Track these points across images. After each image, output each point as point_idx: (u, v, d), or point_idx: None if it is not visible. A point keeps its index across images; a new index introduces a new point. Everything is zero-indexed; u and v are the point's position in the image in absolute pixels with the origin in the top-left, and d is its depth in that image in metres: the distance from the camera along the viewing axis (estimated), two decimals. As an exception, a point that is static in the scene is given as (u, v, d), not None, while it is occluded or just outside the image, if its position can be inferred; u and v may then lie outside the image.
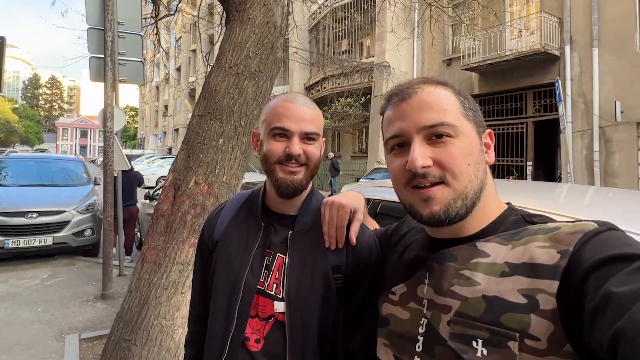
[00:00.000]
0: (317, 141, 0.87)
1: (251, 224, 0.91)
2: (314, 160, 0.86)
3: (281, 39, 2.57)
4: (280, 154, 0.83)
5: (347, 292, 0.86)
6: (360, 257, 0.86)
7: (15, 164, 6.85)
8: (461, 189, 0.60)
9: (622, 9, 8.33)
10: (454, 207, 0.60)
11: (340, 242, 0.86)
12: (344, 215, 0.86)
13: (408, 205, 0.66)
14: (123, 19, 4.31)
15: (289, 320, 0.81)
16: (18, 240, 5.18)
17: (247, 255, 0.87)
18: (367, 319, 0.84)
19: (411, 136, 0.63)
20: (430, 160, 0.61)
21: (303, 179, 0.85)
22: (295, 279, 0.83)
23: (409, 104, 0.64)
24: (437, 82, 0.67)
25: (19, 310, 3.83)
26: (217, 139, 2.30)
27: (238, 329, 0.84)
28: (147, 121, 46.84)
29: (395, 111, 0.67)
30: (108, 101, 4.16)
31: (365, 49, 16.59)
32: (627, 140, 8.34)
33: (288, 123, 0.83)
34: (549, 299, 0.50)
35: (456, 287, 0.60)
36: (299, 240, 0.87)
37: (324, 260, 0.85)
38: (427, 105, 0.63)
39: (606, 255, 0.47)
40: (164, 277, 2.18)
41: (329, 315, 0.83)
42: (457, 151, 0.61)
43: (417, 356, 0.63)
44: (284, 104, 0.85)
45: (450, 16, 8.31)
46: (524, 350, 0.50)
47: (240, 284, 0.85)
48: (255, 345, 0.83)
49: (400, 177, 0.65)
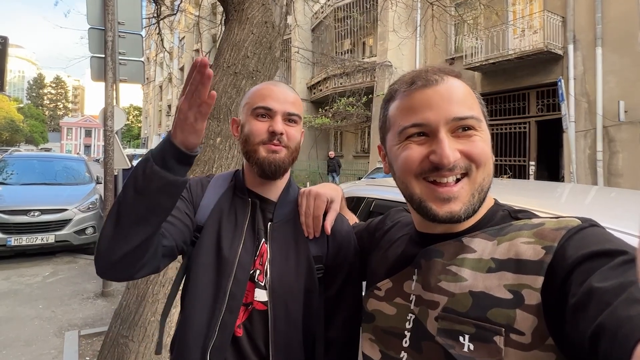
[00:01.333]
0: (299, 125, 0.88)
1: (237, 203, 0.89)
2: (295, 142, 0.87)
3: (279, 39, 2.58)
4: (264, 135, 0.83)
5: (326, 281, 0.86)
6: (340, 247, 0.87)
7: (18, 162, 6.91)
8: (480, 181, 0.60)
9: (626, 8, 8.27)
10: (472, 203, 0.59)
11: (317, 232, 0.87)
12: (320, 205, 0.87)
13: (417, 199, 0.62)
14: (123, 19, 4.34)
15: (272, 311, 0.80)
16: (20, 238, 5.23)
17: (239, 232, 0.84)
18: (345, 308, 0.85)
19: (438, 127, 0.59)
20: (458, 154, 0.59)
21: (285, 159, 0.85)
22: (278, 269, 0.83)
23: (436, 92, 0.60)
24: (457, 74, 0.65)
25: (20, 307, 3.87)
26: (214, 138, 2.31)
27: (230, 310, 0.79)
28: (150, 121, 47.01)
29: (418, 97, 0.62)
30: (108, 100, 4.19)
31: (367, 49, 16.57)
32: (630, 140, 8.27)
33: (272, 102, 0.84)
34: (533, 294, 0.51)
35: (443, 283, 0.60)
36: (279, 232, 0.87)
37: (306, 251, 0.85)
38: (455, 96, 0.60)
39: (589, 251, 0.48)
40: (161, 274, 2.20)
41: (312, 305, 0.83)
42: (483, 144, 0.61)
43: (403, 351, 0.63)
44: (267, 86, 0.87)
45: (453, 15, 8.29)
46: (509, 344, 0.51)
47: (234, 261, 0.81)
48: (238, 330, 0.81)
49: (414, 167, 0.61)
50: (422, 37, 12.53)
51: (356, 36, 16.16)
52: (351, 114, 14.25)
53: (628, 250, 0.47)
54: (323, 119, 15.18)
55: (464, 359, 0.53)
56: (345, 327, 0.84)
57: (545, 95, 9.78)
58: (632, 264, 0.44)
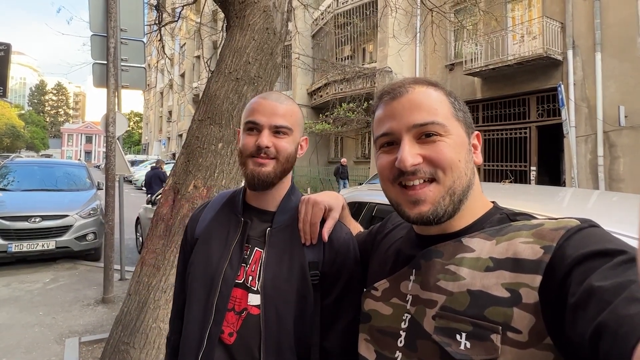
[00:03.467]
0: (290, 136, 0.89)
1: (232, 220, 0.93)
2: (285, 154, 0.87)
3: (281, 45, 2.60)
4: (252, 147, 0.86)
5: (323, 289, 0.86)
6: (337, 254, 0.87)
7: (19, 168, 6.92)
8: (450, 184, 0.61)
9: (624, 14, 8.32)
10: (442, 206, 0.61)
11: (313, 239, 0.87)
12: (317, 212, 0.88)
13: (395, 203, 0.67)
14: (126, 26, 4.37)
15: (264, 314, 0.82)
16: (21, 244, 5.21)
17: (227, 250, 0.89)
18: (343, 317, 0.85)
19: (401, 135, 0.63)
20: (419, 158, 0.62)
21: (272, 172, 0.86)
22: (271, 273, 0.84)
23: (400, 102, 0.65)
24: (429, 82, 0.68)
25: (20, 313, 3.85)
26: (216, 144, 2.32)
27: (216, 322, 0.84)
28: (151, 127, 47.18)
29: (385, 110, 0.67)
30: (110, 106, 4.21)
31: (367, 55, 16.66)
32: (631, 145, 8.28)
33: (258, 117, 0.86)
34: (531, 293, 0.51)
35: (442, 282, 0.60)
36: (277, 237, 0.88)
37: (301, 256, 0.86)
38: (417, 104, 0.64)
39: (588, 251, 0.48)
40: (162, 280, 2.19)
41: (305, 310, 0.84)
42: (447, 148, 0.62)
43: (398, 351, 0.64)
44: (258, 100, 0.90)
45: (452, 22, 8.35)
46: (506, 342, 0.51)
47: (219, 277, 0.86)
48: (228, 338, 0.84)
49: (387, 173, 0.66)
50: (422, 43, 12.60)
51: (356, 42, 16.26)
52: (351, 119, 14.28)
53: (627, 250, 0.47)
54: (323, 125, 15.21)
55: (460, 356, 0.53)
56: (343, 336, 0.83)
57: (545, 100, 9.81)
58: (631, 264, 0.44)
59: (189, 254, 0.96)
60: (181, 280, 0.99)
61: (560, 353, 0.48)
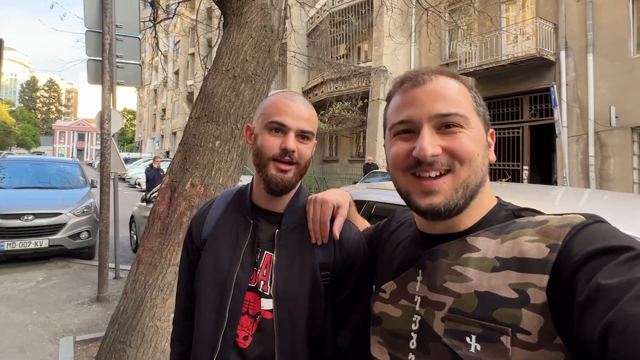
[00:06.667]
0: (311, 141, 0.88)
1: (240, 221, 0.91)
2: (305, 159, 0.87)
3: (278, 43, 2.60)
4: (276, 150, 0.83)
5: (334, 288, 0.86)
6: (348, 254, 0.86)
7: (11, 166, 6.82)
8: (465, 177, 0.60)
9: (616, 15, 8.43)
10: (455, 199, 0.60)
11: (324, 238, 0.87)
12: (326, 211, 0.87)
13: (405, 192, 0.65)
14: (121, 22, 4.32)
15: (277, 317, 0.81)
16: (14, 242, 5.15)
17: (238, 252, 0.87)
18: (354, 314, 0.85)
19: (421, 124, 0.61)
20: (439, 149, 0.60)
21: (293, 178, 0.85)
22: (282, 276, 0.83)
23: (423, 90, 0.63)
24: (452, 74, 0.66)
25: (13, 312, 3.81)
26: (213, 141, 2.31)
27: (230, 326, 0.83)
28: (144, 124, 46.75)
29: (406, 96, 0.65)
30: (105, 103, 4.17)
31: (362, 54, 16.67)
32: (622, 145, 8.41)
33: (286, 119, 0.83)
34: (539, 293, 0.50)
35: (449, 284, 0.60)
36: (286, 238, 0.87)
37: (311, 258, 0.85)
38: (441, 94, 0.62)
39: (594, 249, 0.48)
40: (159, 279, 2.19)
41: (318, 312, 0.84)
42: (468, 141, 0.61)
43: (411, 353, 0.63)
44: (284, 100, 0.86)
45: (447, 21, 8.39)
46: (516, 344, 0.50)
47: (232, 281, 0.84)
48: (243, 342, 0.84)
49: (401, 162, 0.64)
50: (417, 43, 12.66)
51: (352, 41, 16.25)
52: (347, 118, 14.29)
53: (634, 246, 0.46)
54: (319, 124, 15.18)
55: (471, 359, 0.53)
56: (356, 335, 0.83)
57: (538, 100, 9.91)
58: (638, 260, 0.44)
59: (194, 255, 0.95)
60: (185, 280, 0.98)
61: (571, 353, 0.48)
